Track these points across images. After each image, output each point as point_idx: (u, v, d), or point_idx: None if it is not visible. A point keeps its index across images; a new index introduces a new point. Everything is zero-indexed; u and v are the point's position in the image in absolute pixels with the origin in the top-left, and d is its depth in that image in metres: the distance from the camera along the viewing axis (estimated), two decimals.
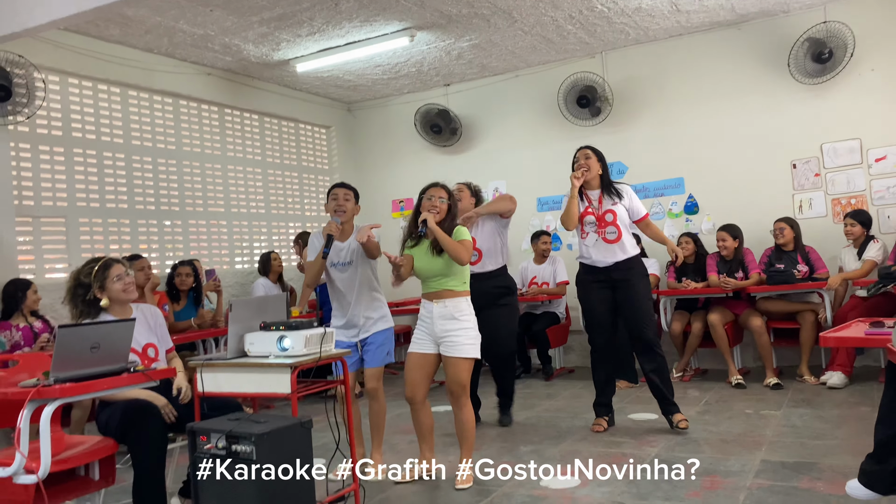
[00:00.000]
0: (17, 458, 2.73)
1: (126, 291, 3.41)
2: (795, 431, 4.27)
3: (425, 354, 3.74)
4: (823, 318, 5.65)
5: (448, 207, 3.76)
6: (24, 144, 5.37)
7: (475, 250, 4.73)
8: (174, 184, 6.51)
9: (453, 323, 3.66)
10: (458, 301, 3.69)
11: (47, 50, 5.37)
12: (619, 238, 4.46)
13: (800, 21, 6.33)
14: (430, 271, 3.70)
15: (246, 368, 3.15)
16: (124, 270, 3.43)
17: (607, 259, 4.49)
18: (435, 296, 3.70)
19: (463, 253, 3.62)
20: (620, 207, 4.50)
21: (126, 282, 3.41)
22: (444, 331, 3.67)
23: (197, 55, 6.40)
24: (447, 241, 3.61)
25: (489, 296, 4.76)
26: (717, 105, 6.80)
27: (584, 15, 6.12)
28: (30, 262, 5.33)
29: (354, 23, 5.84)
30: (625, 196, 4.54)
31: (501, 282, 4.88)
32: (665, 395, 4.48)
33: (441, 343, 3.70)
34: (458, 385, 3.67)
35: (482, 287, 4.72)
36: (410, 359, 3.78)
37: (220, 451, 2.73)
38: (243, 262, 7.17)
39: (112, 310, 3.42)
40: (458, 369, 3.65)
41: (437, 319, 3.67)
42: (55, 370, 2.75)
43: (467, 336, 3.67)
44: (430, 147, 8.06)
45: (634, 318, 4.47)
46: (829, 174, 6.39)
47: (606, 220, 4.49)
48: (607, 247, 4.48)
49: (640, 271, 4.53)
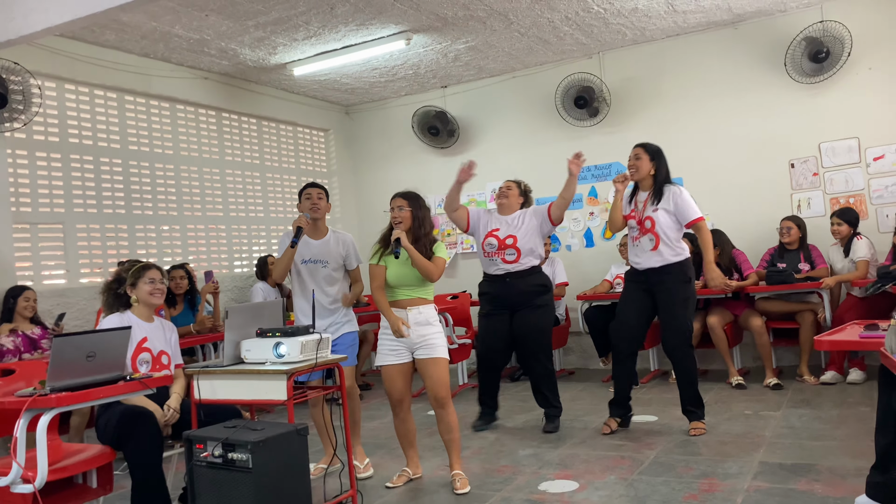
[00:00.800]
0: (14, 467, 2.74)
1: (153, 295, 3.58)
2: (794, 432, 4.26)
3: (402, 364, 3.76)
4: (823, 318, 5.65)
5: (413, 215, 3.76)
6: (21, 151, 5.37)
7: (513, 249, 4.72)
8: (172, 188, 6.51)
9: (428, 328, 3.71)
10: (429, 308, 3.77)
11: (43, 56, 5.37)
12: (657, 246, 4.35)
13: (797, 20, 6.32)
14: (406, 281, 3.73)
15: (242, 375, 3.16)
16: (160, 277, 3.61)
17: (644, 263, 4.41)
18: (408, 303, 3.73)
19: (433, 272, 3.69)
20: (661, 213, 4.34)
21: (156, 287, 3.58)
22: (421, 336, 3.70)
23: (193, 59, 6.40)
24: (419, 259, 3.66)
25: (526, 294, 4.73)
26: (714, 105, 6.79)
27: (581, 16, 6.11)
28: (27, 269, 5.33)
29: (350, 26, 5.84)
30: (668, 199, 4.36)
31: (539, 280, 4.80)
32: (686, 401, 4.44)
33: (418, 348, 3.71)
34: (442, 386, 3.68)
35: (520, 285, 4.72)
36: (389, 370, 3.76)
37: (217, 459, 2.73)
38: (242, 266, 7.17)
39: (137, 310, 3.56)
40: (440, 370, 3.68)
41: (413, 326, 3.70)
42: (51, 379, 2.76)
43: (441, 338, 3.74)
44: (428, 149, 8.06)
45: (664, 322, 4.40)
46: (827, 173, 6.38)
47: (645, 227, 4.39)
48: (646, 253, 4.40)
49: (678, 277, 4.35)
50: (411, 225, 3.76)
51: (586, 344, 7.00)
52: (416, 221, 3.76)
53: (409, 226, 3.75)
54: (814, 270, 5.78)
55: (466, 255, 7.89)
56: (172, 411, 3.34)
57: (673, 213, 4.36)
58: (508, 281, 4.74)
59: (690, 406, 4.44)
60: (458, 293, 6.93)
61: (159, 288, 3.59)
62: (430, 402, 3.75)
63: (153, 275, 3.58)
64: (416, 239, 3.73)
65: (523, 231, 4.75)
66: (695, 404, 4.44)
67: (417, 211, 3.78)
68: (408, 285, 3.73)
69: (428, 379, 3.70)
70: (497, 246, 4.76)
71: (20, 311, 4.73)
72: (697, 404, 4.45)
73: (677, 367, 4.44)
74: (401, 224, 3.74)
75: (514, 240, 4.74)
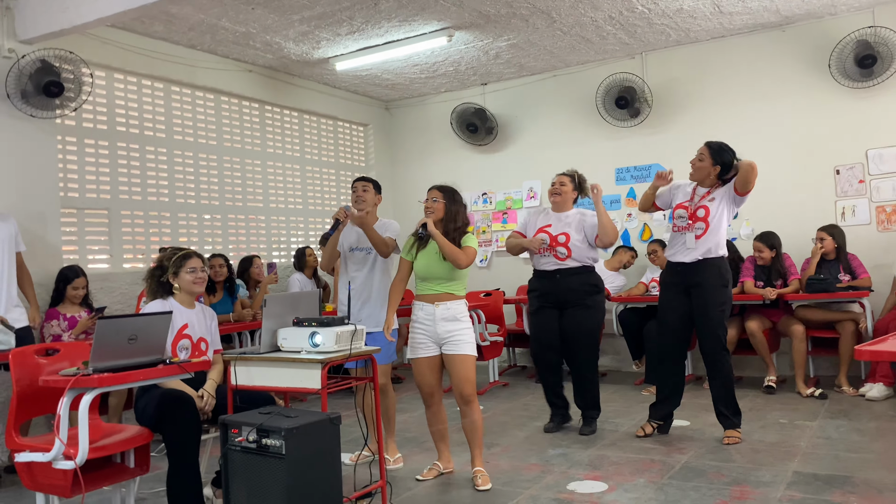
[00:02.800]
0: (57, 444, 2.82)
1: (195, 283, 3.61)
2: (830, 443, 4.19)
3: (432, 357, 3.78)
4: (864, 328, 5.52)
5: (446, 208, 3.77)
6: (71, 138, 5.52)
7: (564, 247, 4.67)
8: (214, 178, 6.63)
9: (455, 324, 3.70)
10: (458, 304, 3.75)
11: (94, 46, 5.50)
12: (704, 234, 4.26)
13: (846, 24, 6.18)
14: (434, 274, 3.74)
15: (278, 363, 3.21)
16: (200, 265, 3.64)
17: (684, 255, 4.33)
18: (436, 298, 3.73)
19: (461, 258, 3.66)
20: (716, 203, 4.28)
21: (197, 275, 3.61)
22: (448, 332, 3.70)
23: (239, 52, 6.50)
24: (445, 244, 3.66)
25: (576, 293, 4.66)
26: (758, 108, 6.68)
27: (625, 16, 6.06)
28: (73, 253, 5.48)
29: (393, 22, 5.88)
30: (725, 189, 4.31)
31: (591, 279, 4.71)
32: (719, 409, 4.35)
33: (444, 344, 3.73)
34: (467, 383, 3.69)
35: (570, 283, 4.64)
36: (418, 363, 3.79)
37: (251, 444, 2.78)
38: (280, 257, 7.27)
39: (179, 296, 3.60)
40: (465, 366, 3.69)
41: (440, 321, 3.71)
42: (94, 360, 2.84)
43: (468, 335, 3.73)
44: (466, 146, 8.08)
45: (699, 326, 4.34)
46: (873, 181, 6.23)
47: (697, 216, 4.32)
48: (689, 243, 4.31)
49: (717, 279, 4.29)
50: (443, 217, 3.77)
51: (620, 346, 6.96)
52: (449, 214, 3.77)
53: (441, 217, 3.77)
54: (856, 280, 5.66)
55: (500, 252, 7.88)
56: (208, 396, 3.40)
57: (727, 200, 4.28)
58: (559, 277, 4.67)
59: (726, 411, 4.34)
60: (492, 290, 6.93)
61: (201, 276, 3.62)
62: (455, 398, 3.77)
63: (194, 263, 3.60)
64: (446, 232, 3.74)
65: (575, 232, 4.67)
66: (731, 410, 4.35)
67: (451, 205, 3.79)
68: (437, 278, 3.73)
69: (453, 375, 3.72)
70: (549, 241, 4.70)
71: (69, 298, 4.87)
72: (734, 411, 4.36)
73: (715, 371, 4.34)
74: (432, 214, 3.76)
75: (567, 238, 4.66)
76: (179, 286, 3.60)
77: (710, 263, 4.30)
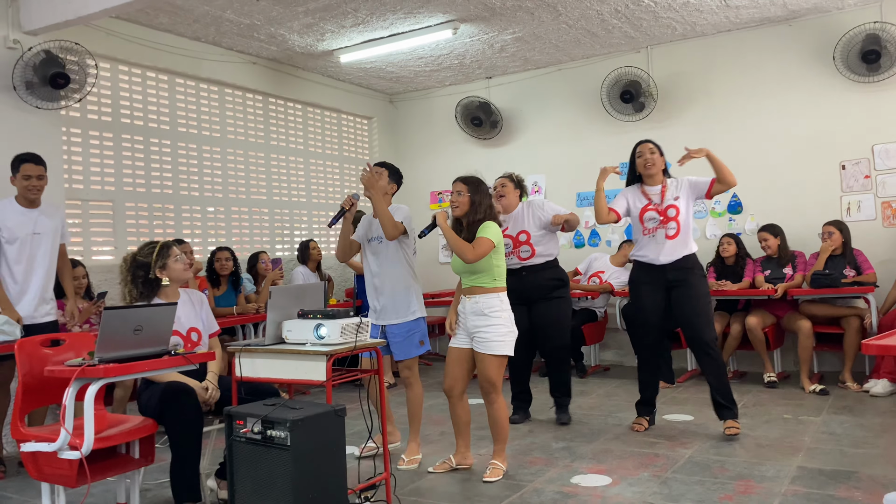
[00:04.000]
0: (62, 434, 2.83)
1: (186, 270, 3.59)
2: (835, 438, 4.18)
3: (462, 349, 3.78)
4: (869, 324, 5.51)
5: (470, 201, 3.73)
6: (76, 129, 5.51)
7: (528, 245, 4.74)
8: (218, 171, 6.63)
9: (483, 319, 3.66)
10: (488, 297, 3.68)
11: (99, 37, 5.49)
12: (677, 234, 4.33)
13: (854, 18, 6.15)
14: (459, 269, 3.75)
15: (283, 355, 3.21)
16: (180, 252, 3.60)
17: (662, 257, 4.35)
18: (468, 291, 3.74)
19: (467, 252, 3.61)
20: (682, 201, 4.36)
21: (185, 261, 3.60)
22: (475, 327, 3.69)
23: (243, 44, 6.49)
24: (451, 238, 3.66)
25: (543, 288, 4.76)
26: (764, 102, 6.65)
27: (630, 9, 6.04)
28: (78, 245, 5.48)
29: (398, 14, 5.86)
30: (679, 187, 4.40)
31: (554, 274, 4.83)
32: (717, 400, 4.34)
33: (473, 338, 3.72)
34: (487, 381, 3.68)
35: (536, 279, 4.76)
36: (450, 353, 3.83)
37: (256, 436, 2.79)
38: (283, 250, 7.26)
39: (164, 292, 3.53)
40: (486, 365, 3.67)
41: (469, 315, 3.71)
42: (100, 351, 2.84)
43: (497, 332, 3.65)
44: (471, 139, 8.06)
45: (690, 320, 4.32)
46: (879, 176, 6.21)
47: (668, 216, 4.35)
48: (666, 244, 4.35)
49: (699, 271, 4.38)
50: (468, 210, 3.73)
51: (623, 340, 6.95)
52: (472, 206, 3.73)
53: (467, 211, 3.74)
54: (861, 276, 5.64)
55: None
56: (212, 389, 3.40)
57: (689, 196, 4.38)
58: (524, 275, 4.76)
59: (724, 401, 4.33)
60: None
61: (187, 262, 3.61)
62: (480, 391, 3.77)
63: (176, 253, 3.54)
64: (469, 224, 3.71)
65: (533, 227, 4.77)
66: (728, 400, 4.34)
67: (475, 195, 3.74)
68: (463, 272, 3.74)
69: (479, 372, 3.72)
70: (512, 244, 4.80)
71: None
72: (730, 400, 4.35)
73: (709, 360, 4.32)
74: (458, 209, 3.73)
75: (528, 236, 4.77)
76: (169, 278, 3.52)
77: (688, 259, 4.36)
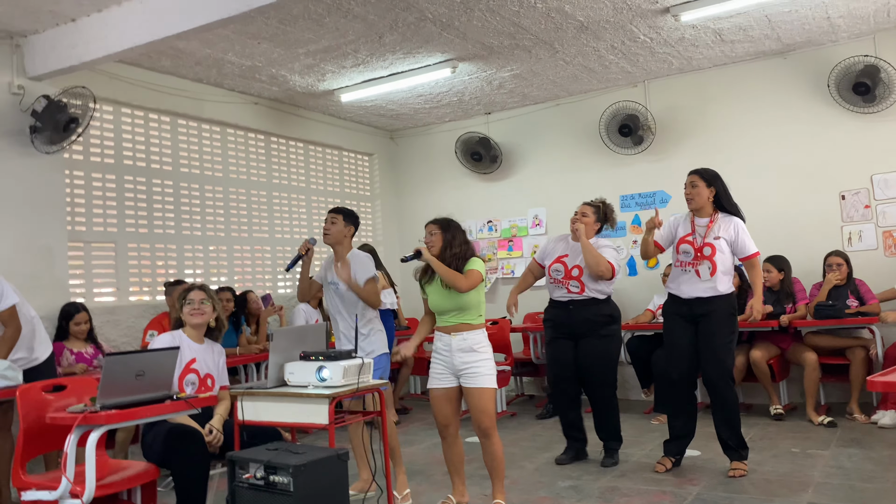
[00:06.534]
0: (63, 482, 2.80)
1: (192, 315, 3.64)
2: (844, 473, 4.13)
3: (448, 388, 3.73)
4: (874, 355, 5.48)
5: (443, 238, 3.76)
6: (78, 172, 5.56)
7: (577, 281, 4.64)
8: (220, 210, 6.66)
9: (472, 355, 3.65)
10: (475, 334, 3.69)
11: (102, 81, 5.56)
12: (714, 274, 4.21)
13: (848, 51, 6.22)
14: (445, 306, 3.71)
15: (285, 398, 3.20)
16: (199, 298, 3.67)
17: (692, 291, 4.27)
18: (452, 329, 3.69)
19: (461, 282, 3.62)
20: (722, 242, 4.23)
21: (194, 307, 3.65)
22: (464, 363, 3.65)
23: (245, 85, 6.57)
24: (442, 270, 3.65)
25: (591, 323, 4.62)
26: (761, 134, 6.70)
27: (627, 45, 6.12)
28: (80, 287, 5.48)
29: (398, 55, 5.94)
30: (729, 229, 4.26)
31: (605, 309, 4.67)
32: (726, 439, 4.26)
33: (462, 375, 3.67)
34: (485, 415, 3.63)
35: (584, 314, 4.62)
36: (435, 394, 3.75)
37: (259, 481, 2.76)
38: (286, 287, 7.27)
39: (188, 331, 3.65)
40: (483, 399, 3.63)
41: (457, 352, 3.66)
42: (101, 397, 2.83)
43: (487, 366, 3.66)
44: (471, 174, 8.11)
45: (705, 355, 4.25)
46: (879, 206, 6.23)
47: (704, 254, 4.24)
48: (698, 281, 4.25)
49: (724, 309, 4.24)
50: (441, 246, 3.76)
51: (628, 374, 6.90)
52: (445, 242, 3.76)
53: (441, 248, 3.76)
54: (865, 306, 5.63)
55: (506, 280, 7.88)
56: (216, 432, 3.38)
57: (731, 244, 4.26)
58: (572, 308, 4.65)
59: (731, 442, 4.26)
60: (498, 319, 6.91)
61: (197, 309, 3.64)
62: (475, 430, 3.70)
63: (192, 296, 3.67)
64: (446, 260, 3.72)
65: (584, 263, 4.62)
66: (736, 442, 4.27)
67: (445, 232, 3.77)
68: (448, 311, 3.70)
69: (472, 408, 3.65)
70: (563, 273, 4.69)
71: (73, 334, 4.86)
72: (739, 443, 4.27)
73: (719, 400, 4.25)
74: (433, 248, 3.76)
75: (581, 272, 4.63)
76: (185, 321, 3.64)
77: (719, 299, 4.25)
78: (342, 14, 5.05)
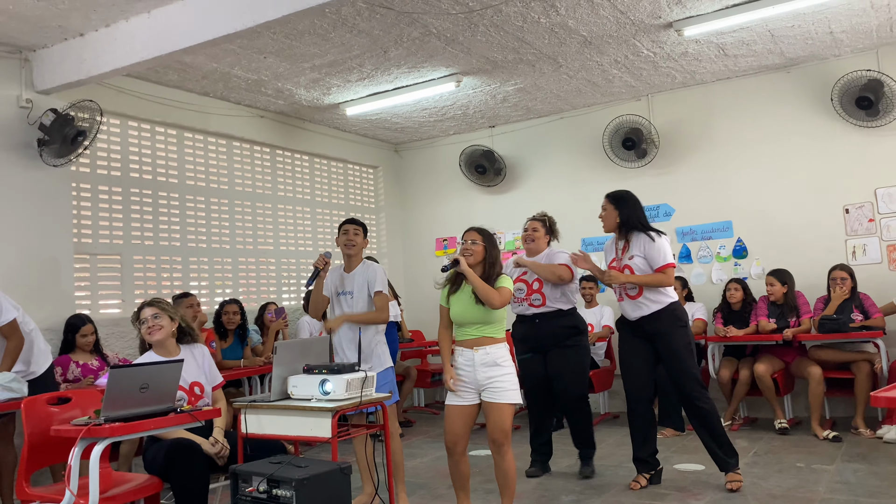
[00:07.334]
0: (67, 495, 2.81)
1: (149, 334, 3.57)
2: (849, 488, 4.11)
3: (466, 406, 3.64)
4: (879, 369, 5.46)
5: (484, 250, 3.68)
6: (85, 185, 5.60)
7: (539, 294, 4.70)
8: (226, 222, 6.69)
9: (496, 369, 3.58)
10: (498, 348, 3.63)
11: (109, 95, 5.61)
12: (639, 294, 4.30)
13: (851, 65, 6.24)
14: (470, 318, 3.63)
15: (288, 411, 3.20)
16: (152, 314, 3.59)
17: (633, 313, 4.35)
18: (475, 343, 3.61)
19: (496, 298, 3.54)
20: (637, 260, 4.29)
21: (148, 325, 3.57)
22: (488, 378, 3.58)
23: (251, 99, 6.62)
24: (478, 283, 3.55)
25: (557, 336, 4.69)
26: (765, 148, 6.71)
27: (630, 60, 6.15)
28: (86, 299, 5.51)
29: (403, 69, 5.98)
30: (639, 246, 4.30)
31: (569, 321, 4.74)
32: (714, 450, 4.26)
33: (484, 390, 3.60)
34: (501, 432, 3.58)
35: (549, 327, 4.68)
36: (450, 410, 3.67)
37: (262, 495, 2.77)
38: (290, 300, 7.29)
39: (156, 349, 3.57)
40: (502, 415, 3.58)
41: (480, 367, 3.59)
42: (106, 409, 2.85)
43: (511, 381, 3.60)
44: (475, 187, 8.13)
45: (672, 372, 4.29)
46: (883, 219, 6.23)
47: None
48: (631, 301, 4.34)
49: (672, 322, 4.27)
50: (482, 260, 3.67)
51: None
52: (489, 259, 3.67)
53: (480, 260, 3.67)
54: (870, 320, 5.61)
55: None
56: (221, 445, 3.39)
57: (646, 260, 4.29)
58: (538, 322, 4.73)
59: (720, 452, 4.24)
60: None
61: (152, 326, 3.56)
62: (489, 445, 3.65)
63: (144, 314, 3.59)
64: (486, 276, 3.64)
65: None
66: (724, 450, 4.24)
67: (491, 248, 3.70)
68: (472, 323, 3.63)
69: (489, 422, 3.60)
70: (526, 291, 4.77)
71: (80, 346, 4.88)
72: (729, 451, 4.24)
73: (696, 413, 4.25)
74: (471, 257, 3.65)
75: (541, 284, 4.72)
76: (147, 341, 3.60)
77: (664, 311, 4.28)
78: (348, 29, 5.10)
